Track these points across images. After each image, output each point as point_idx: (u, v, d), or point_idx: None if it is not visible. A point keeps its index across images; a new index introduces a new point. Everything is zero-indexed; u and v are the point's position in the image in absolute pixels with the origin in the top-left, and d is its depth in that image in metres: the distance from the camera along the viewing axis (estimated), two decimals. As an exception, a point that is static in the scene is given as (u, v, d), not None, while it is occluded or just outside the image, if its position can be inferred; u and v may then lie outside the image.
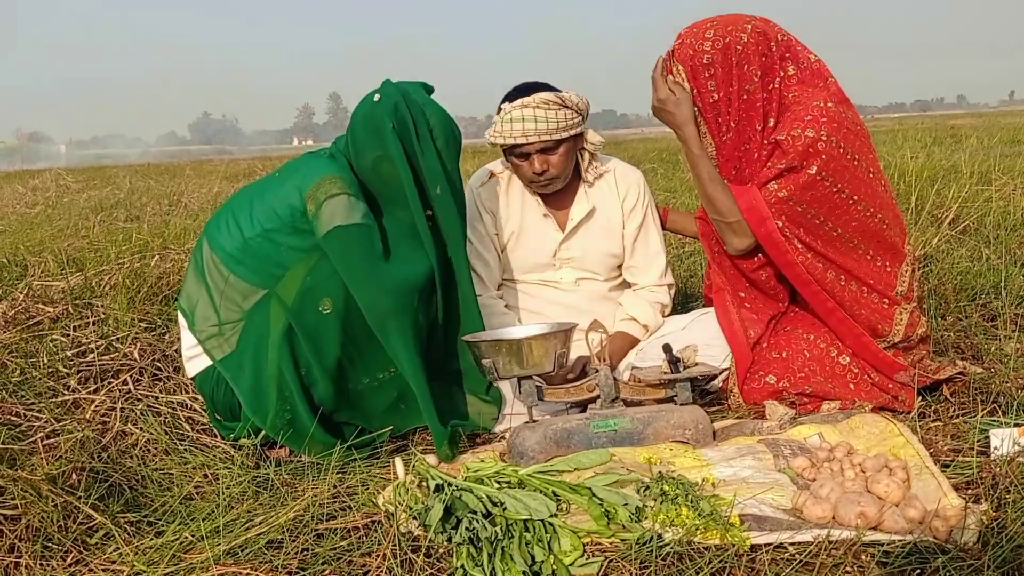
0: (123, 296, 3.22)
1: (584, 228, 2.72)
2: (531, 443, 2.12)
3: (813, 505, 1.73)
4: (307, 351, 2.22)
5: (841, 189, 2.26)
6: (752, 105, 2.33)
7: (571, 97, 2.49)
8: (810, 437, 2.15)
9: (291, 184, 2.25)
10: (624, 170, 2.79)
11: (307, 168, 2.29)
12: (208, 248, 2.32)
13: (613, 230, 2.74)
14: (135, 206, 7.75)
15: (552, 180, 2.58)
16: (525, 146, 2.50)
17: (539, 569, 1.59)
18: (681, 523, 1.66)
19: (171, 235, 4.90)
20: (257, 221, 2.26)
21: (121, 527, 1.82)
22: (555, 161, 2.53)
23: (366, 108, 2.30)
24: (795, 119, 2.26)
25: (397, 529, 1.69)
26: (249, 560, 1.66)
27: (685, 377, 2.26)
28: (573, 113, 2.49)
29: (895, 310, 2.40)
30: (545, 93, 2.47)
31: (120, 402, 2.44)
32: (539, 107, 2.44)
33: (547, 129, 2.45)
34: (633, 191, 2.74)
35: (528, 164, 2.54)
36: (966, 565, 1.50)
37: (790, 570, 1.54)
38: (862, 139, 2.34)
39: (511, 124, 2.46)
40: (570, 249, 2.73)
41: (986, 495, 1.78)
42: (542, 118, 2.44)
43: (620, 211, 2.73)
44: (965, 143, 10.10)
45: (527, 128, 2.45)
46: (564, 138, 2.50)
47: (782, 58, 2.34)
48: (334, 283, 2.22)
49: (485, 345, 2.20)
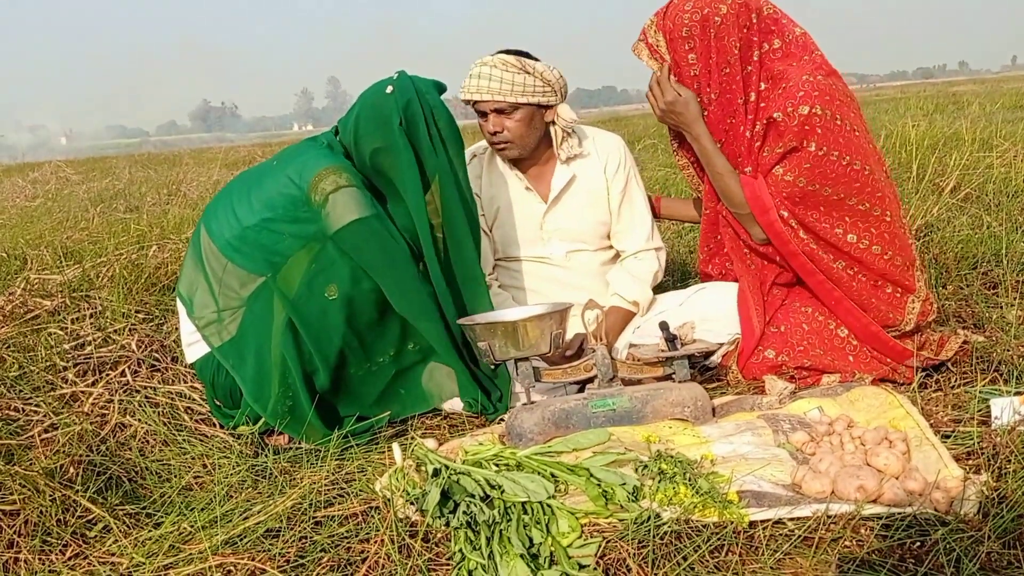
0: (120, 288, 3.21)
1: (567, 197, 2.72)
2: (529, 424, 2.12)
3: (812, 480, 1.72)
4: (310, 338, 2.22)
5: (842, 156, 2.23)
6: (732, 78, 2.31)
7: (538, 66, 2.51)
8: (810, 411, 2.14)
9: (290, 174, 2.23)
10: (603, 137, 2.79)
11: (306, 158, 2.27)
12: (206, 237, 2.31)
13: (598, 197, 2.73)
14: (134, 196, 7.74)
15: (507, 144, 2.59)
16: (480, 103, 2.55)
17: (537, 551, 1.58)
18: (679, 501, 1.66)
19: (170, 225, 4.88)
20: (256, 211, 2.25)
21: (120, 519, 1.82)
22: (510, 125, 2.55)
23: (376, 98, 2.27)
24: (787, 96, 2.22)
25: (395, 515, 1.69)
26: (247, 550, 1.66)
27: (682, 354, 2.25)
28: (537, 81, 2.50)
29: (907, 299, 2.37)
30: (509, 56, 2.50)
31: (118, 394, 2.44)
32: (497, 67, 2.49)
33: (499, 89, 2.48)
34: (614, 156, 2.74)
35: (485, 123, 2.59)
36: (966, 536, 1.50)
37: (789, 545, 1.53)
38: (854, 111, 2.31)
39: (470, 80, 2.53)
40: (556, 220, 2.73)
41: (987, 465, 1.77)
42: (497, 77, 2.48)
43: (603, 177, 2.73)
44: (967, 110, 10.03)
45: (481, 85, 2.50)
46: (521, 103, 2.51)
47: (766, 31, 2.31)
48: (339, 269, 2.22)
49: (480, 328, 2.19)
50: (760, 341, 2.43)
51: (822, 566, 1.49)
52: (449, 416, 2.45)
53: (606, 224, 2.77)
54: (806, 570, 1.48)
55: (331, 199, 2.16)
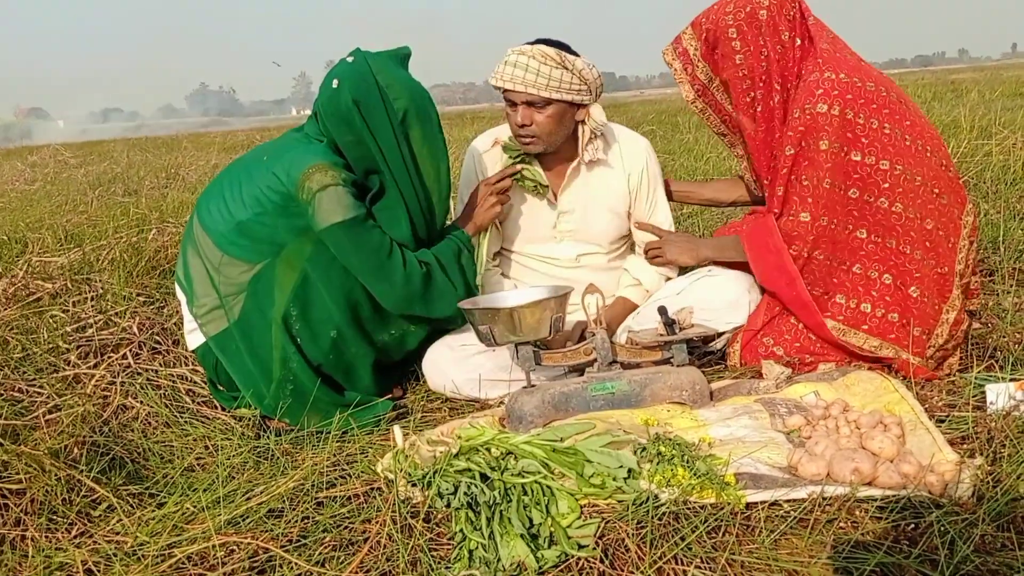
0: (121, 270, 3.22)
1: (585, 200, 2.65)
2: (529, 408, 2.14)
3: (808, 462, 1.74)
4: (311, 323, 2.24)
5: (869, 155, 2.22)
6: (785, 68, 2.36)
7: (577, 63, 2.40)
8: (806, 395, 2.16)
9: (277, 171, 2.22)
10: (630, 145, 2.68)
11: (293, 154, 2.24)
12: (200, 229, 2.31)
13: (616, 203, 2.66)
14: (133, 180, 7.73)
15: (534, 139, 2.49)
16: (511, 93, 2.44)
17: (537, 531, 1.60)
18: (677, 483, 1.67)
19: (169, 209, 4.89)
20: (248, 206, 2.25)
21: (123, 499, 1.85)
22: (540, 120, 2.45)
23: (327, 96, 2.26)
24: (807, 93, 2.24)
25: (396, 495, 1.70)
26: (250, 529, 1.68)
27: (681, 339, 2.27)
28: (574, 78, 2.40)
29: (943, 309, 2.28)
30: (549, 48, 2.39)
31: (120, 376, 2.46)
32: (535, 58, 2.38)
33: (535, 82, 2.38)
34: (638, 166, 2.65)
35: (514, 113, 2.48)
36: (960, 519, 1.52)
37: (785, 527, 1.56)
38: (892, 107, 2.25)
39: (504, 67, 2.42)
40: (570, 221, 2.67)
41: (981, 449, 1.79)
42: (533, 69, 2.37)
43: (625, 187, 2.65)
44: (966, 97, 10.01)
45: (516, 74, 2.39)
46: (554, 99, 2.42)
47: (801, 26, 2.35)
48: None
49: (480, 312, 2.20)
50: (763, 330, 2.45)
51: (817, 547, 1.51)
52: (450, 400, 2.48)
53: (622, 229, 2.72)
54: (802, 551, 1.50)
55: (317, 198, 2.16)
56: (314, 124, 2.34)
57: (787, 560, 1.47)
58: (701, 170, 5.94)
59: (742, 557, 1.48)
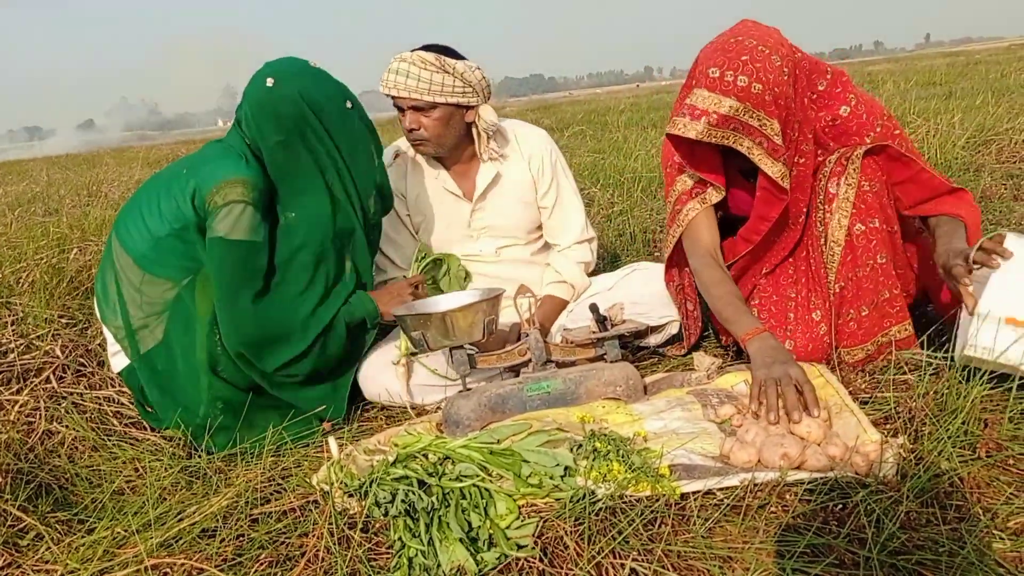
0: (42, 292, 3.13)
1: (493, 196, 2.70)
2: (466, 411, 2.14)
3: (739, 450, 1.77)
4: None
5: None
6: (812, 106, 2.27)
7: (459, 66, 2.46)
8: (736, 384, 2.20)
9: (195, 183, 2.18)
10: (526, 134, 2.75)
11: (212, 167, 2.20)
12: (120, 248, 2.26)
13: (524, 193, 2.72)
14: (53, 199, 7.52)
15: (423, 141, 2.56)
16: (397, 99, 2.51)
17: (476, 535, 1.60)
18: (613, 478, 1.69)
19: (91, 226, 4.75)
20: (166, 220, 2.20)
21: (52, 527, 1.79)
22: (427, 123, 2.52)
23: (260, 95, 2.23)
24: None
25: (333, 507, 1.69)
26: (183, 550, 1.65)
27: (613, 335, 2.29)
28: (456, 81, 2.46)
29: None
30: (428, 53, 2.46)
31: (44, 401, 2.38)
32: (415, 64, 2.44)
33: (416, 87, 2.44)
34: (537, 152, 2.71)
35: (403, 118, 2.56)
36: (886, 497, 1.56)
37: (718, 514, 1.58)
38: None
39: (388, 75, 2.49)
40: (483, 218, 2.72)
41: (903, 429, 1.84)
42: (415, 75, 2.44)
43: (529, 174, 2.71)
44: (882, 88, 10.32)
45: (398, 81, 2.46)
46: (438, 102, 2.48)
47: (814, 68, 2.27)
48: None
49: (412, 319, 2.19)
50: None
51: (750, 532, 1.54)
52: (386, 408, 2.46)
53: (535, 219, 2.77)
54: (735, 537, 1.53)
55: (219, 210, 2.14)
56: (236, 133, 2.30)
57: (721, 547, 1.50)
58: (631, 168, 6.01)
59: (678, 547, 1.50)
